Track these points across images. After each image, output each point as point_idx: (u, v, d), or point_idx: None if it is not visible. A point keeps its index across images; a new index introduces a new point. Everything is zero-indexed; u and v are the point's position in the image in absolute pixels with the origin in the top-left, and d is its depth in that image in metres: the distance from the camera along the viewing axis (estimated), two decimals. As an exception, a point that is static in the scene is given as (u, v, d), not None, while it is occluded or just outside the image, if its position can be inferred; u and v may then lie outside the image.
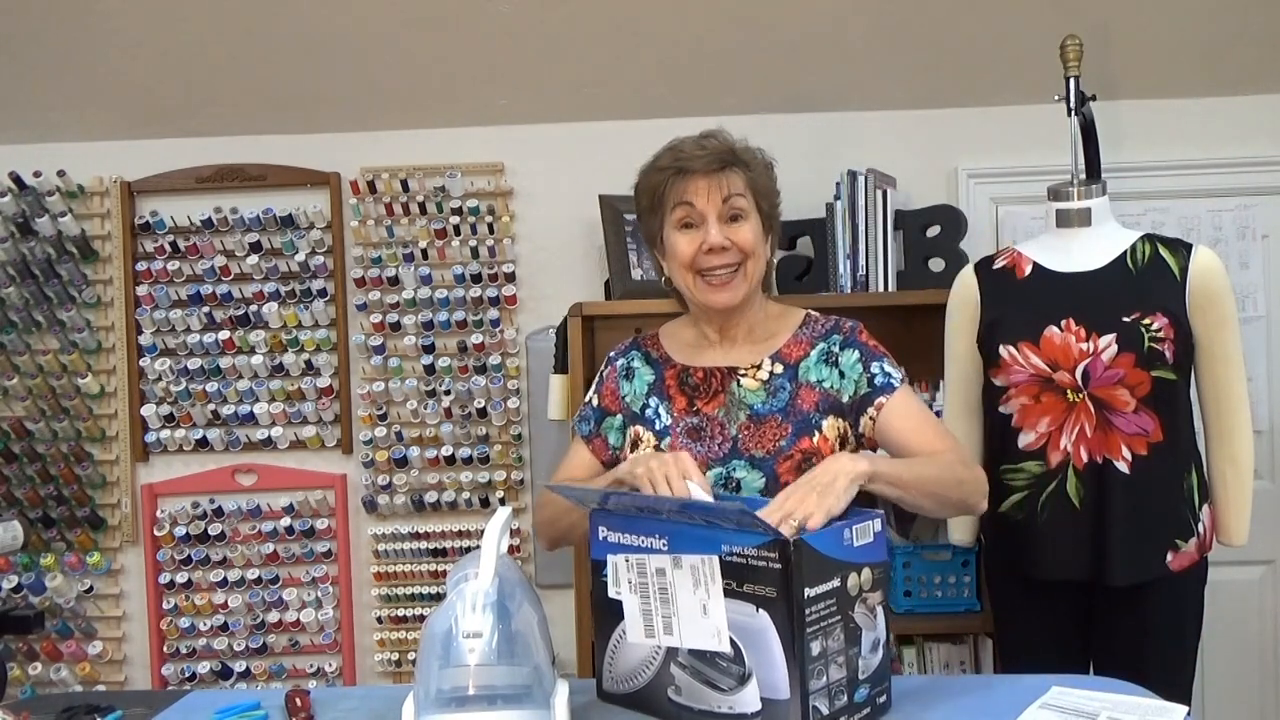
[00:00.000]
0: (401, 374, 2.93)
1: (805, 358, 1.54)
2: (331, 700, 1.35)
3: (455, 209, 2.90)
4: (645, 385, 1.58)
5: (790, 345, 1.55)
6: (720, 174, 1.48)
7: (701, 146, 1.49)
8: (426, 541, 2.96)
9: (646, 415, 1.55)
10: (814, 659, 1.14)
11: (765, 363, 1.54)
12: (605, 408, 1.61)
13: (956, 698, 1.27)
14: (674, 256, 1.50)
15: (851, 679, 1.18)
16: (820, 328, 1.57)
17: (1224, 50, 2.70)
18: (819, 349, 1.54)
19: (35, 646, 2.96)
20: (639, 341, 1.65)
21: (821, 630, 1.14)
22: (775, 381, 1.52)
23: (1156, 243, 2.01)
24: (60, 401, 2.94)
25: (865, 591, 1.19)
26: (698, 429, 1.51)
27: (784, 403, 1.51)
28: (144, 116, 2.90)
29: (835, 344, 1.55)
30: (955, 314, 2.14)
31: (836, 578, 1.16)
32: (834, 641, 1.16)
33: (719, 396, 1.53)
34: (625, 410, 1.58)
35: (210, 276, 2.94)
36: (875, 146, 2.85)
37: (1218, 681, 2.82)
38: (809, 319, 1.59)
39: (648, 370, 1.59)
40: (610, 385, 1.61)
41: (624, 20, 2.63)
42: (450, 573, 1.26)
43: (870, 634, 1.20)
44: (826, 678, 1.15)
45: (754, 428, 1.49)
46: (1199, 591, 2.02)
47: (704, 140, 1.50)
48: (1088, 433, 1.94)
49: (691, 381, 1.55)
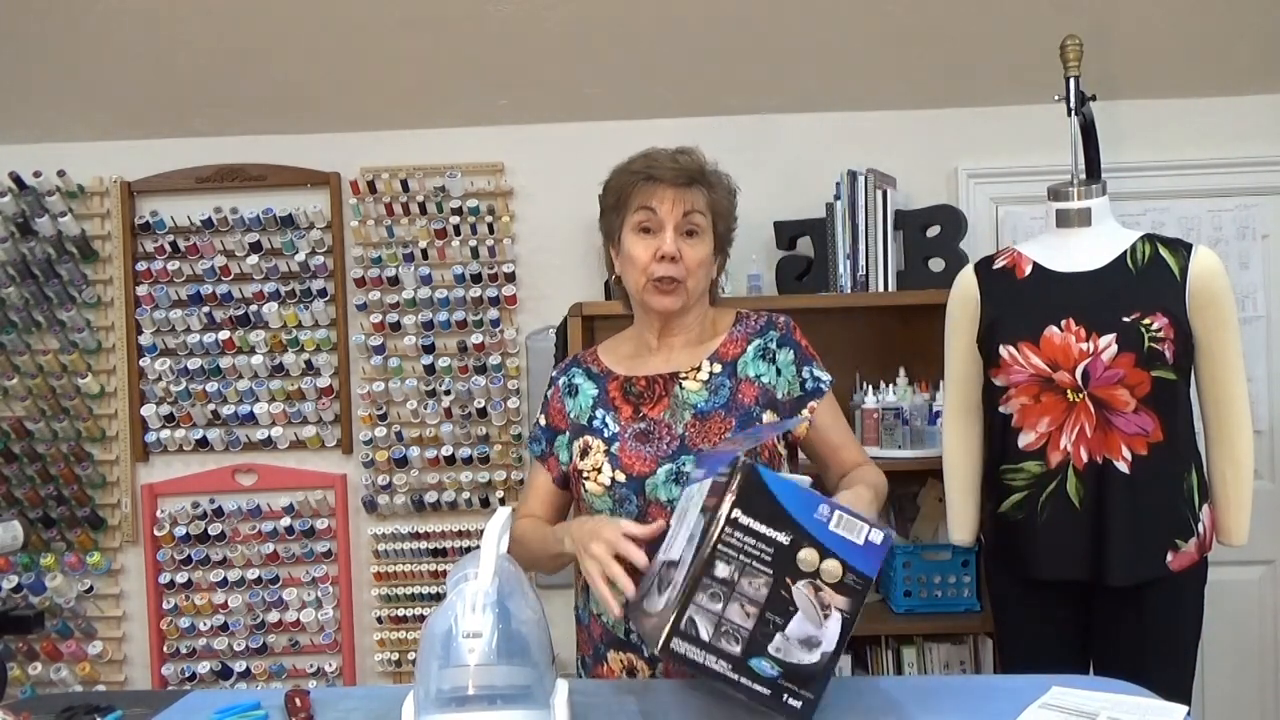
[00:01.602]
0: (401, 374, 2.93)
1: (742, 354, 1.59)
2: (331, 700, 1.35)
3: (455, 209, 2.90)
4: (590, 399, 1.61)
5: (726, 344, 1.60)
6: (686, 189, 1.53)
7: (674, 160, 1.54)
8: (426, 541, 2.96)
9: (594, 425, 1.58)
10: (712, 577, 1.13)
11: (704, 364, 1.58)
12: (554, 426, 1.64)
13: (956, 698, 1.27)
14: (629, 258, 1.55)
15: (754, 640, 1.14)
16: (754, 324, 1.62)
17: (1224, 50, 2.70)
18: (755, 345, 1.59)
19: (35, 646, 2.96)
20: (578, 359, 1.68)
21: (737, 563, 1.13)
22: (715, 380, 1.57)
23: (1156, 243, 2.01)
24: (60, 401, 2.94)
25: (823, 581, 1.15)
26: (645, 433, 1.55)
27: (725, 399, 1.55)
28: (144, 116, 2.90)
29: (772, 340, 1.60)
30: (955, 314, 2.14)
31: (785, 534, 1.14)
32: (748, 587, 1.13)
33: (663, 400, 1.57)
34: (572, 425, 1.61)
35: (210, 276, 2.94)
36: (875, 146, 2.85)
37: (1218, 681, 2.82)
38: (741, 316, 1.64)
39: (590, 385, 1.62)
40: (555, 404, 1.65)
41: (624, 20, 2.63)
42: (450, 573, 1.26)
43: (807, 626, 1.15)
44: (721, 605, 1.13)
45: (700, 424, 1.53)
46: (1199, 591, 2.02)
47: (678, 155, 1.55)
48: (1088, 433, 1.94)
49: (635, 390, 1.59)
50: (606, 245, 1.64)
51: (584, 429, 1.59)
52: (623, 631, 1.55)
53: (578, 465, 1.58)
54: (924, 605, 2.61)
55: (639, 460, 1.53)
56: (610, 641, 1.58)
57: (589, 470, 1.55)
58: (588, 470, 1.55)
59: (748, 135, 2.89)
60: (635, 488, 1.51)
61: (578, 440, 1.59)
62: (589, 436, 1.57)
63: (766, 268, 2.81)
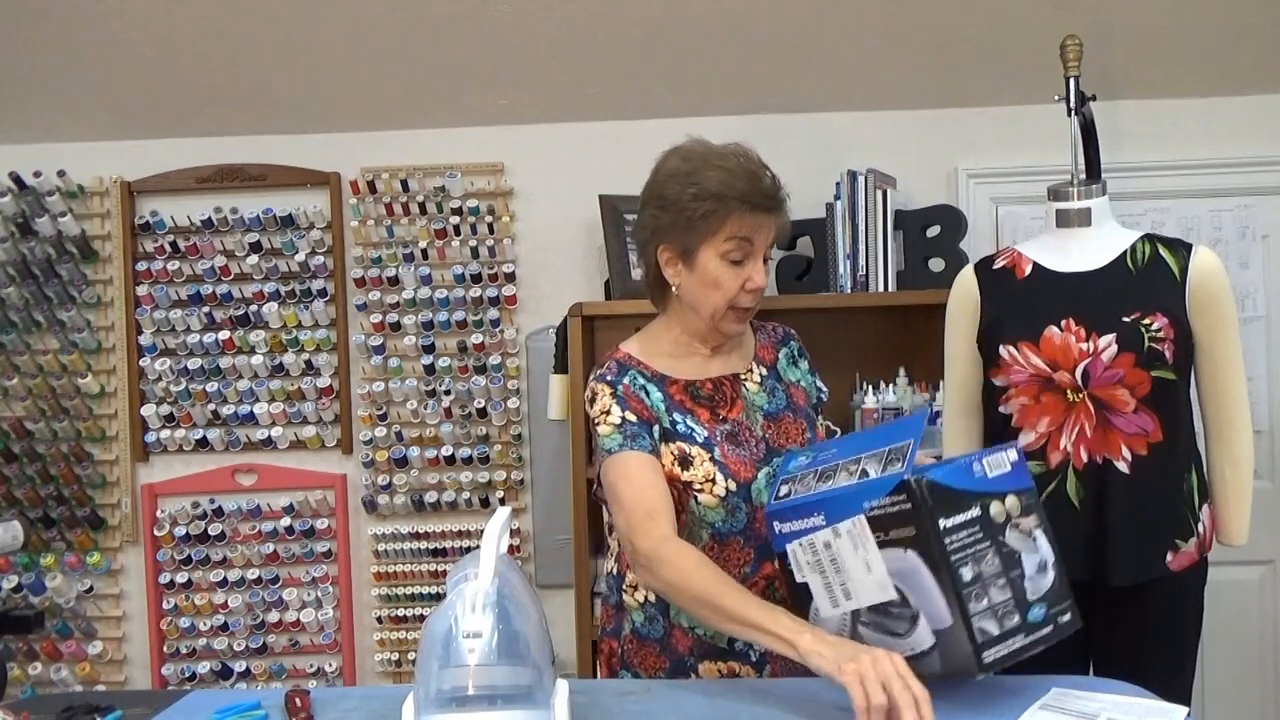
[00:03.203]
0: (401, 374, 2.93)
1: (777, 360, 1.63)
2: (331, 700, 1.35)
3: (455, 209, 2.90)
4: (660, 402, 1.52)
5: (760, 350, 1.63)
6: (778, 215, 1.52)
7: (759, 178, 1.50)
8: (426, 541, 2.96)
9: (681, 431, 1.51)
10: (968, 584, 1.21)
11: (754, 367, 1.60)
12: (644, 420, 1.49)
13: (957, 698, 1.27)
14: (714, 284, 1.49)
15: (1020, 600, 1.24)
16: (775, 333, 1.67)
17: (1224, 50, 2.70)
18: (784, 352, 1.64)
19: (35, 646, 2.96)
20: (624, 363, 1.57)
21: (970, 556, 1.21)
22: (768, 383, 1.58)
23: (1156, 243, 2.01)
24: (60, 401, 2.94)
25: (1015, 517, 1.26)
26: (733, 435, 1.53)
27: (784, 401, 1.58)
28: (144, 116, 2.90)
29: (794, 349, 1.66)
30: (955, 314, 2.14)
31: (975, 507, 1.23)
32: (988, 567, 1.22)
33: (737, 403, 1.55)
34: (658, 422, 1.51)
35: (210, 276, 2.94)
36: (875, 146, 2.85)
37: (1218, 681, 2.82)
38: (756, 325, 1.66)
39: (654, 388, 1.54)
40: (634, 400, 1.51)
41: (624, 20, 2.63)
42: (450, 573, 1.26)
43: (1032, 556, 1.26)
44: (988, 600, 1.22)
45: (774, 426, 1.54)
46: (1199, 591, 2.02)
47: (764, 175, 1.51)
48: (1087, 433, 1.94)
49: (703, 393, 1.55)
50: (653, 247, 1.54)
51: (669, 434, 1.50)
52: (726, 640, 1.50)
53: (679, 475, 1.48)
54: (924, 605, 2.61)
55: (741, 466, 1.50)
56: (705, 653, 1.53)
57: (700, 481, 1.48)
58: (699, 481, 1.48)
59: (748, 135, 2.83)
60: (744, 494, 1.49)
61: (670, 445, 1.50)
62: (681, 443, 1.49)
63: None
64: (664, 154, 1.58)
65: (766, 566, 1.50)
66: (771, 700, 1.32)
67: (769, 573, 1.50)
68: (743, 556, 1.51)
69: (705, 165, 1.50)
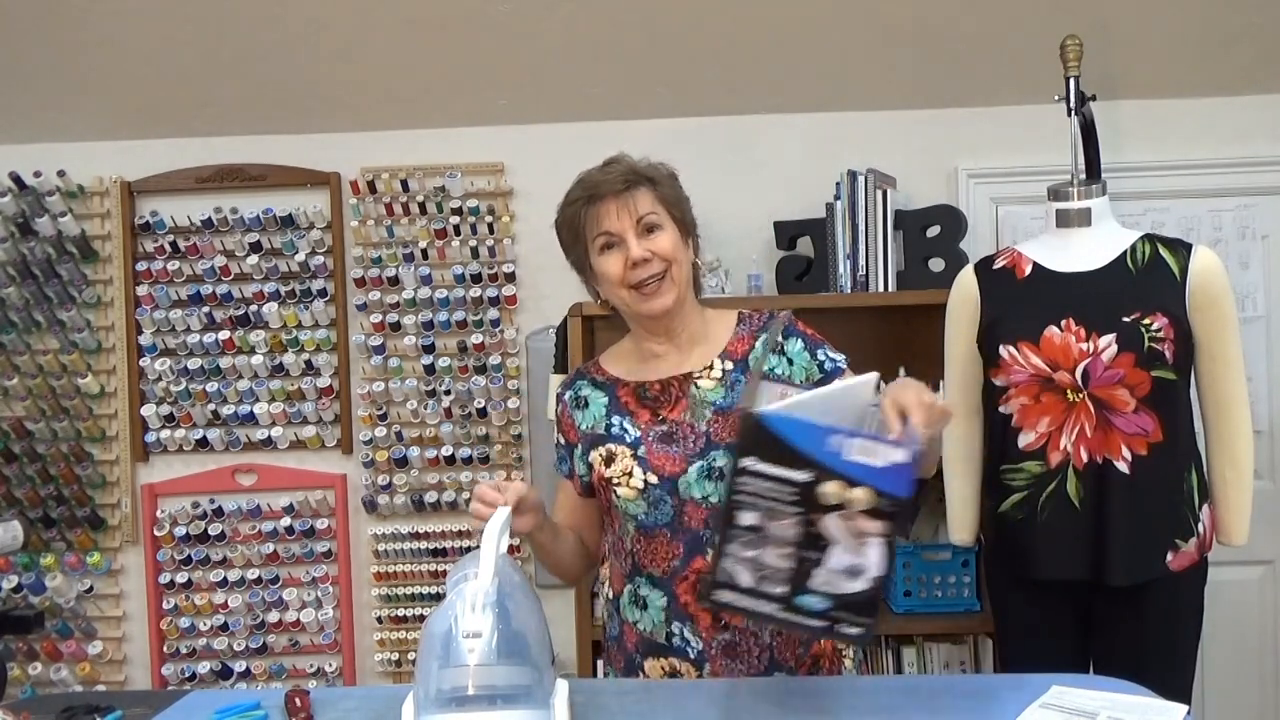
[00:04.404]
0: (401, 374, 2.93)
1: (750, 350, 1.60)
2: (331, 700, 1.35)
3: (455, 209, 2.90)
4: (601, 408, 1.60)
5: (734, 343, 1.61)
6: (627, 193, 1.53)
7: (605, 172, 1.56)
8: (426, 541, 2.96)
9: (613, 433, 1.57)
10: (738, 527, 1.17)
11: (715, 362, 1.59)
12: (570, 442, 1.63)
13: (956, 698, 1.27)
14: (605, 279, 1.55)
15: (796, 579, 1.17)
16: (758, 321, 1.64)
17: (1224, 50, 2.70)
18: (762, 340, 1.60)
19: (35, 646, 2.96)
20: (581, 372, 1.68)
21: (760, 508, 1.16)
22: (730, 377, 1.57)
23: (1156, 243, 2.01)
24: (60, 401, 2.94)
25: (852, 510, 1.15)
26: (668, 435, 1.55)
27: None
28: (144, 116, 2.90)
29: (776, 333, 1.61)
30: (955, 314, 2.14)
31: (805, 471, 1.15)
32: (778, 529, 1.16)
33: (681, 402, 1.57)
34: (586, 437, 1.60)
35: (210, 276, 2.94)
36: (875, 146, 2.85)
37: (1218, 681, 2.82)
38: (743, 316, 1.65)
39: (599, 394, 1.62)
40: (566, 420, 1.64)
41: (624, 20, 2.63)
42: (450, 573, 1.26)
43: (847, 557, 1.16)
44: (756, 554, 1.17)
45: (723, 420, 1.53)
46: (1199, 591, 2.02)
47: (607, 167, 1.58)
48: (1088, 433, 1.94)
49: (650, 395, 1.58)
50: (584, 279, 1.64)
51: (602, 438, 1.58)
52: (664, 636, 1.54)
53: (603, 473, 1.56)
54: (924, 605, 2.61)
55: (668, 461, 1.52)
56: (648, 649, 1.56)
57: (618, 475, 1.54)
58: (617, 476, 1.54)
59: (748, 135, 2.88)
60: (668, 488, 1.51)
61: (597, 449, 1.58)
62: (610, 444, 1.57)
63: (766, 268, 2.81)
64: None
65: (697, 560, 1.50)
66: (771, 700, 1.32)
67: (699, 567, 1.49)
68: (670, 550, 1.52)
69: (567, 195, 1.60)
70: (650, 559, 1.53)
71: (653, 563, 1.53)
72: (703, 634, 1.51)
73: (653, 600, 1.54)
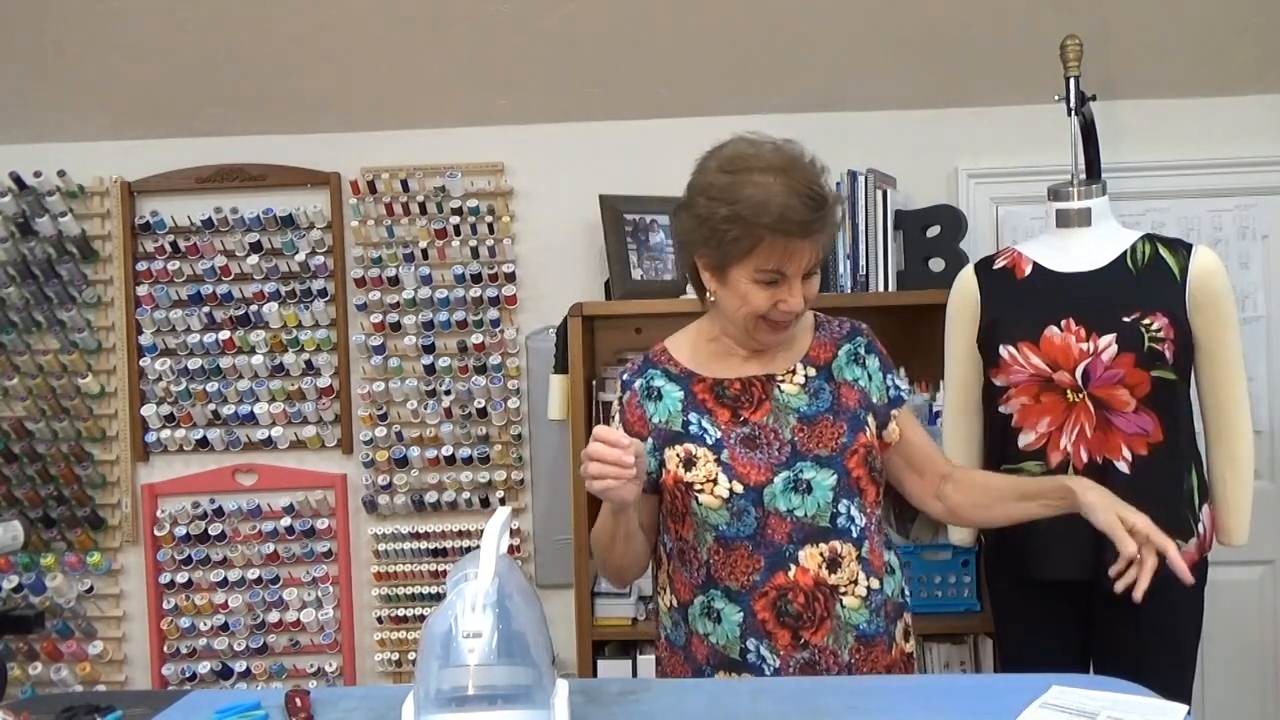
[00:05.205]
0: (401, 374, 2.93)
1: (834, 358, 1.56)
2: (331, 700, 1.35)
3: (455, 209, 2.90)
4: (677, 403, 1.53)
5: (816, 348, 1.57)
6: (817, 237, 1.44)
7: (808, 206, 1.41)
8: (426, 541, 2.96)
9: (692, 432, 1.50)
10: None
11: (798, 367, 1.54)
12: (635, 434, 1.48)
13: (957, 698, 1.27)
14: (744, 302, 1.46)
15: None
16: (839, 329, 1.61)
17: (1224, 50, 2.70)
18: (846, 350, 1.58)
19: (35, 646, 2.96)
20: (651, 359, 1.59)
21: None
22: (813, 384, 1.53)
23: (1156, 243, 2.01)
24: (60, 401, 2.94)
25: None
26: (751, 438, 1.49)
27: (829, 402, 1.52)
28: (144, 116, 2.90)
29: (860, 346, 1.59)
30: (955, 314, 2.14)
31: None
32: None
33: (764, 404, 1.50)
34: (658, 432, 1.52)
35: (210, 276, 2.94)
36: (875, 146, 2.85)
37: (1218, 681, 2.82)
38: (820, 321, 1.61)
39: (674, 387, 1.54)
40: (633, 410, 1.55)
41: (624, 20, 2.63)
42: (450, 573, 1.26)
43: None
44: None
45: (808, 429, 1.49)
46: (1199, 592, 2.02)
47: (805, 195, 1.41)
48: (1088, 433, 1.94)
49: (729, 393, 1.52)
50: (689, 253, 1.51)
51: (679, 435, 1.50)
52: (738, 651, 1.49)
53: (682, 477, 1.48)
54: (924, 605, 2.61)
55: (753, 469, 1.47)
56: (720, 663, 1.51)
57: (701, 482, 1.47)
58: (699, 482, 1.47)
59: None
60: (753, 498, 1.46)
61: (673, 448, 1.50)
62: (689, 444, 1.49)
63: (766, 268, 2.80)
64: (709, 152, 1.51)
65: (779, 576, 1.46)
66: (772, 700, 1.32)
67: (781, 583, 1.46)
68: (750, 564, 1.47)
69: (743, 181, 1.42)
70: (728, 571, 1.48)
71: (730, 576, 1.48)
72: (780, 652, 1.47)
73: (728, 614, 1.49)
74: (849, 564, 1.48)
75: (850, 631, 1.49)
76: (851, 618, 1.49)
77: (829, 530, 1.48)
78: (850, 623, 1.49)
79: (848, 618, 1.48)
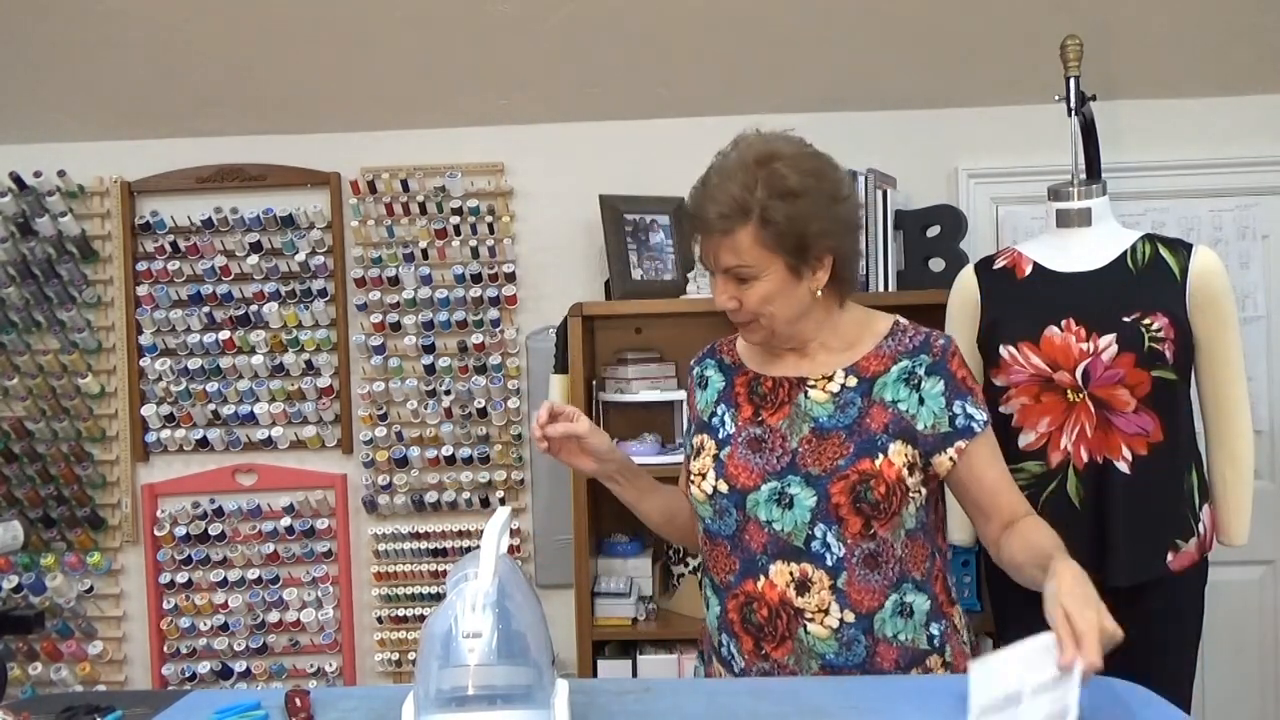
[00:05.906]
0: (401, 374, 2.93)
1: (884, 374, 1.44)
2: (331, 700, 1.35)
3: (455, 209, 2.90)
4: (715, 393, 1.55)
5: (870, 358, 1.46)
6: (727, 237, 1.38)
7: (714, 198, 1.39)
8: (426, 541, 2.96)
9: (713, 424, 1.52)
10: None
11: (838, 374, 1.45)
12: (691, 418, 1.59)
13: (956, 698, 1.27)
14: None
15: None
16: (909, 342, 1.46)
17: (1224, 50, 2.70)
18: (900, 366, 1.44)
19: (35, 646, 2.96)
20: (715, 348, 1.62)
21: None
22: (845, 395, 1.44)
23: (1157, 243, 2.01)
24: (60, 401, 2.94)
25: None
26: (759, 440, 1.47)
27: (851, 419, 1.43)
28: (144, 116, 2.90)
29: (921, 365, 1.43)
30: (955, 314, 2.14)
31: None
32: None
33: (784, 408, 1.47)
34: (696, 417, 1.57)
35: (210, 276, 2.94)
36: (875, 146, 2.85)
37: (1218, 681, 2.82)
38: (898, 329, 1.49)
39: (719, 377, 1.56)
40: (691, 395, 1.60)
41: (624, 20, 2.63)
42: (450, 573, 1.26)
43: None
44: None
45: (816, 442, 1.43)
46: (1199, 592, 2.02)
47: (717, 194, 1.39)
48: (1088, 433, 1.94)
49: (760, 390, 1.51)
50: None
51: (704, 425, 1.54)
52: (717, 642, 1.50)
53: (689, 465, 1.52)
54: (924, 605, 2.61)
55: (744, 472, 1.45)
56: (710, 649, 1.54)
57: (695, 474, 1.50)
58: (694, 474, 1.50)
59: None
60: (737, 500, 1.45)
61: (699, 436, 1.53)
62: (706, 435, 1.52)
63: (767, 268, 2.81)
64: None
65: (749, 583, 1.45)
66: (772, 700, 1.31)
67: (750, 590, 1.44)
68: (729, 564, 1.48)
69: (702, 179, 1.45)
70: (713, 564, 1.50)
71: (714, 568, 1.50)
72: (745, 655, 1.47)
73: (712, 604, 1.52)
74: (819, 591, 1.41)
75: (814, 659, 1.43)
76: (816, 645, 1.43)
77: (802, 551, 1.42)
78: (815, 650, 1.43)
79: (811, 644, 1.43)
